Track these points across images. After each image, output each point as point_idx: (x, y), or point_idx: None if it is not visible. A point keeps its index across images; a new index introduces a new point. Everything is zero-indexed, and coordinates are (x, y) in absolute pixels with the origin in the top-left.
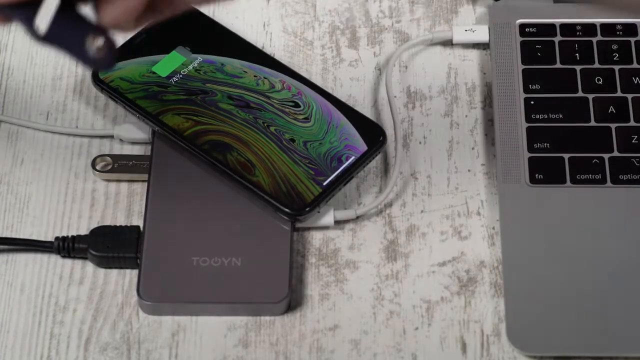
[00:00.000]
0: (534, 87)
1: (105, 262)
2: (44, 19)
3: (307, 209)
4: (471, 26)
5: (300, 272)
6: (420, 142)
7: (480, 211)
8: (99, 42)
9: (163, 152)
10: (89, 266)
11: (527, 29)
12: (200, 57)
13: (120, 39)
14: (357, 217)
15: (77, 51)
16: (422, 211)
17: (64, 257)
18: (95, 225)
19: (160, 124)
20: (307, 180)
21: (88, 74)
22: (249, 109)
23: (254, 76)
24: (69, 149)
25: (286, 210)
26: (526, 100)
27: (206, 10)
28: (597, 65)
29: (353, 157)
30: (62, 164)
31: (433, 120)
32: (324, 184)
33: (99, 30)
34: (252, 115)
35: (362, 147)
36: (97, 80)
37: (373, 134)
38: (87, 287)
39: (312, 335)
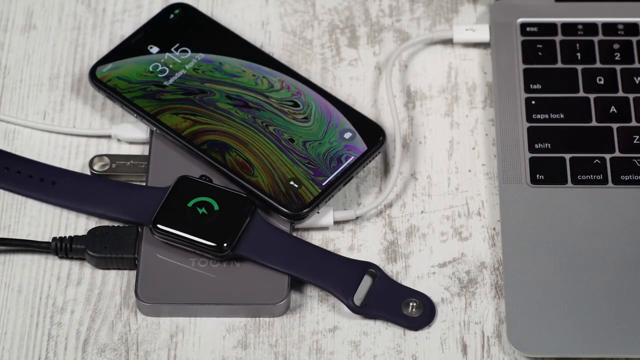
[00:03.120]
0: (534, 86)
1: (103, 263)
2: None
3: (306, 210)
4: (472, 25)
5: None
6: (420, 142)
7: (480, 212)
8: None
9: (161, 152)
10: (87, 267)
11: (528, 28)
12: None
13: (118, 38)
14: (357, 218)
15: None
16: (422, 212)
17: (61, 257)
18: (93, 226)
19: (158, 124)
20: (306, 181)
21: (86, 73)
22: (247, 108)
23: (253, 75)
24: (66, 148)
25: (285, 210)
26: (527, 100)
27: (205, 8)
28: (598, 65)
29: (352, 157)
30: (59, 164)
31: (433, 120)
32: (323, 184)
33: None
34: (251, 114)
35: (362, 147)
36: (94, 79)
37: (373, 133)
38: (84, 288)
39: (311, 337)
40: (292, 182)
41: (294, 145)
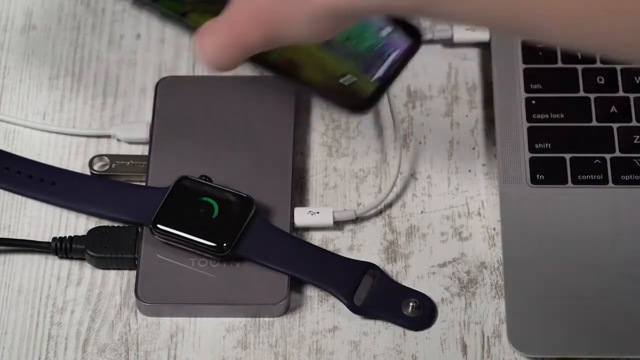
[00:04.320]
0: (535, 86)
1: (103, 263)
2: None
3: (370, 102)
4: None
5: None
6: (420, 142)
7: (480, 212)
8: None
9: (161, 152)
10: (87, 267)
11: None
12: None
13: (118, 38)
14: (357, 218)
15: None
16: (422, 212)
17: (61, 257)
18: (93, 226)
19: (186, 26)
20: (359, 75)
21: (85, 73)
22: None
23: None
24: (66, 148)
25: (350, 102)
26: (527, 100)
27: None
28: (598, 64)
29: (399, 50)
30: (59, 164)
31: (433, 120)
32: (376, 77)
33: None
34: None
35: (405, 41)
36: None
37: (411, 31)
38: (84, 288)
39: (311, 337)
40: (347, 76)
41: (336, 44)
